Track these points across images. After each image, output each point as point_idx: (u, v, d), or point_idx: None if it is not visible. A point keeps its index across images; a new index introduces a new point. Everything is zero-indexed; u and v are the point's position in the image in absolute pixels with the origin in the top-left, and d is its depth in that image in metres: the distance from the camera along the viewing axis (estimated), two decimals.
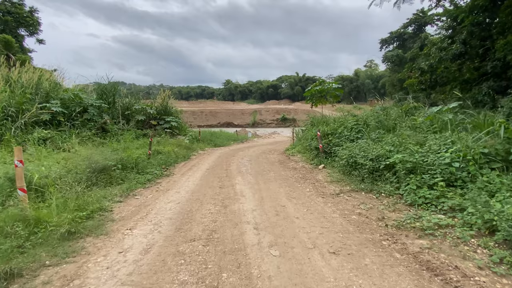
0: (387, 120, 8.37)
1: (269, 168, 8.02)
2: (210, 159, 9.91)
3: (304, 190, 5.56)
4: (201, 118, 45.57)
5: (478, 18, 13.29)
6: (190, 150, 11.64)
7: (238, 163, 8.96)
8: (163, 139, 12.11)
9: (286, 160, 9.27)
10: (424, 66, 14.51)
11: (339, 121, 9.28)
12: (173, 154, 10.03)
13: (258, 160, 9.66)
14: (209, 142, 14.85)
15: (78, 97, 11.84)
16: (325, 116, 12.54)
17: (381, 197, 4.84)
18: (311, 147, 8.90)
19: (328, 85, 13.25)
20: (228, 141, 17.08)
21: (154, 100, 15.36)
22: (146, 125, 13.91)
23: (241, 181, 6.36)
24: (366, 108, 51.04)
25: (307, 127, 12.99)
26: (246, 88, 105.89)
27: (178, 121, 14.62)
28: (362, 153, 6.11)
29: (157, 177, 6.85)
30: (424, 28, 51.18)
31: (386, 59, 52.73)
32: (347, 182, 5.81)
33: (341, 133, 8.20)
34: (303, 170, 7.45)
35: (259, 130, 35.13)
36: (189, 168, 8.07)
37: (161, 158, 8.81)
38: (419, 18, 50.03)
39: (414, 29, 51.58)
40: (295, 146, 11.43)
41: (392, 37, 53.61)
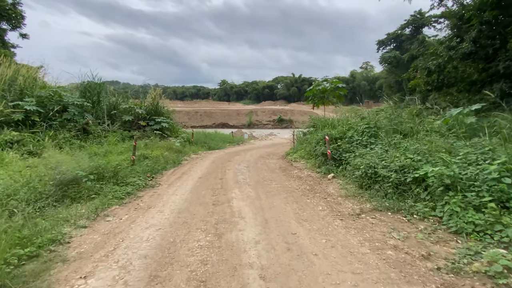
0: (402, 123, 7.45)
1: (270, 176, 7.03)
2: (204, 164, 8.88)
3: (316, 208, 4.57)
4: (196, 118, 44.39)
5: (488, 16, 12.54)
6: (181, 154, 10.58)
7: (234, 170, 7.95)
8: (151, 141, 11.03)
9: (288, 167, 8.28)
10: (431, 66, 13.72)
11: (347, 123, 8.33)
12: (161, 159, 8.97)
13: (256, 166, 8.66)
14: (203, 144, 13.79)
15: (57, 95, 10.70)
16: (328, 118, 11.61)
17: (414, 220, 3.88)
18: (317, 152, 7.94)
19: (331, 85, 12.33)
20: (224, 144, 16.05)
21: (144, 99, 14.25)
22: (134, 126, 12.81)
23: (238, 194, 5.35)
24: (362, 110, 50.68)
25: (309, 129, 12.04)
26: (242, 88, 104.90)
27: (169, 122, 13.55)
28: (383, 162, 5.16)
29: (140, 188, 5.79)
30: (421, 30, 50.97)
31: (383, 61, 52.27)
32: (366, 198, 4.85)
33: (351, 138, 7.26)
34: (310, 180, 6.47)
35: (255, 131, 34.15)
36: (179, 177, 7.03)
37: (147, 164, 7.75)
38: (416, 20, 49.74)
39: (411, 31, 51.31)
40: (297, 150, 10.46)
41: (389, 39, 53.25)
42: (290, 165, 8.57)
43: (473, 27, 13.23)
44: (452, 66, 13.29)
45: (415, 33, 49.81)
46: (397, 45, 54.02)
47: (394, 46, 54.56)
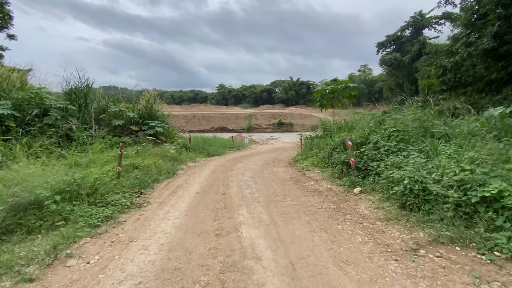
0: (433, 125, 6.36)
1: (282, 190, 5.89)
2: (202, 175, 7.72)
3: (354, 238, 3.43)
4: (193, 122, 43.25)
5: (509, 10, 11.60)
6: (177, 162, 9.42)
7: (238, 181, 6.81)
8: (144, 148, 9.87)
9: (301, 177, 7.14)
10: (448, 64, 12.73)
11: (368, 126, 7.22)
12: (154, 169, 7.81)
13: (263, 176, 7.52)
14: (201, 150, 12.64)
15: (38, 97, 9.54)
16: (339, 121, 10.52)
17: (499, 260, 2.75)
18: (334, 160, 6.81)
19: (341, 84, 11.26)
20: (223, 149, 14.90)
21: (137, 102, 13.10)
22: (125, 131, 11.64)
23: (247, 217, 4.19)
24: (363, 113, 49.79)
25: (318, 133, 10.94)
26: (240, 92, 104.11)
27: (164, 126, 12.39)
28: (434, 175, 4.04)
29: (123, 210, 4.63)
30: (422, 31, 50.38)
31: (383, 63, 51.43)
32: (414, 223, 3.72)
33: (376, 143, 6.15)
34: (332, 195, 5.33)
35: (255, 135, 33.07)
36: (173, 192, 5.87)
37: (136, 176, 6.59)
38: (417, 21, 49.16)
39: (411, 32, 50.69)
40: (307, 156, 9.33)
41: (389, 40, 52.53)
42: (302, 174, 7.42)
43: (490, 22, 12.28)
44: (471, 64, 12.29)
45: (415, 35, 49.21)
46: (397, 47, 53.33)
47: (394, 48, 53.84)
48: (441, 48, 14.12)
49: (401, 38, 52.18)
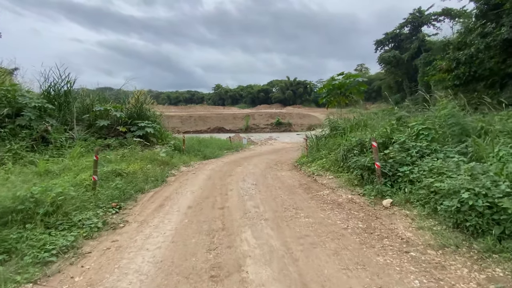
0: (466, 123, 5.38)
1: (292, 201, 4.86)
2: (196, 182, 6.66)
3: (406, 279, 2.41)
4: (190, 123, 42.11)
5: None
6: (168, 166, 8.35)
7: (239, 190, 5.77)
8: (131, 151, 8.79)
9: (311, 184, 6.11)
10: (461, 56, 11.82)
11: (389, 124, 6.22)
12: (140, 175, 6.75)
13: (267, 182, 6.48)
14: (197, 153, 11.57)
15: (11, 95, 8.45)
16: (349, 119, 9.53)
17: None
18: (351, 164, 5.80)
19: (349, 78, 10.28)
20: (221, 151, 13.84)
21: (125, 101, 11.99)
22: (112, 132, 10.55)
23: (253, 244, 3.16)
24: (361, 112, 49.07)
25: (324, 132, 9.94)
26: (237, 92, 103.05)
27: (156, 127, 11.31)
28: (503, 187, 3.03)
29: (91, 234, 3.57)
30: (421, 28, 49.71)
31: (382, 61, 50.60)
32: (481, 252, 2.72)
33: (403, 144, 5.15)
34: (357, 208, 4.31)
35: (253, 135, 32.03)
36: (159, 205, 4.81)
37: (117, 186, 5.52)
38: (416, 18, 48.48)
39: (410, 30, 49.99)
40: (314, 158, 8.31)
41: (388, 38, 51.84)
42: (313, 180, 6.39)
43: (505, 12, 11.40)
44: (488, 56, 11.37)
45: (414, 32, 48.53)
46: (396, 44, 52.65)
47: (393, 45, 53.13)
48: (453, 40, 13.18)
49: (399, 35, 51.50)
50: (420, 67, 40.41)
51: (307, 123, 43.50)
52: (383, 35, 52.71)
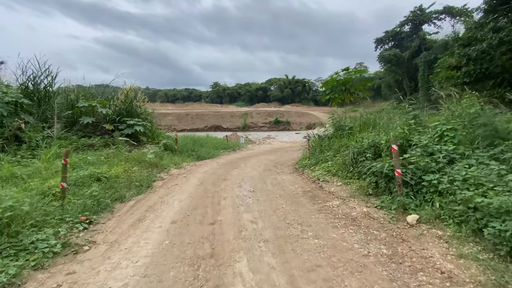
0: None
1: (296, 214, 4.11)
2: (186, 188, 5.89)
3: None
4: (186, 121, 41.22)
5: None
6: (157, 169, 7.56)
7: (234, 199, 5.01)
8: (117, 151, 8.01)
9: (317, 191, 5.36)
10: (472, 52, 11.11)
11: (407, 123, 5.46)
12: (123, 180, 5.97)
13: (266, 188, 5.72)
14: (190, 153, 10.78)
15: None
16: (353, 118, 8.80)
17: None
18: (363, 169, 5.05)
19: (354, 74, 9.53)
20: (216, 150, 13.04)
21: (113, 97, 11.15)
22: (98, 131, 9.74)
23: (250, 283, 2.41)
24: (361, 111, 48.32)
25: (328, 132, 9.20)
26: (235, 90, 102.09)
27: (146, 125, 10.51)
28: None
29: (41, 262, 2.79)
30: (421, 27, 49.09)
31: (382, 59, 49.89)
32: None
33: (426, 147, 4.41)
34: (376, 226, 3.55)
35: (251, 134, 31.27)
36: (138, 219, 4.04)
37: (93, 194, 4.74)
38: (416, 16, 47.83)
39: (410, 28, 49.35)
40: (317, 160, 7.57)
41: (388, 37, 51.19)
42: (318, 187, 5.63)
43: None
44: (500, 52, 10.66)
45: (414, 30, 47.89)
46: (396, 43, 52.02)
47: (393, 44, 52.48)
48: (462, 36, 12.42)
49: (400, 34, 50.88)
50: (420, 66, 39.78)
51: (306, 122, 42.79)
52: (383, 33, 52.01)
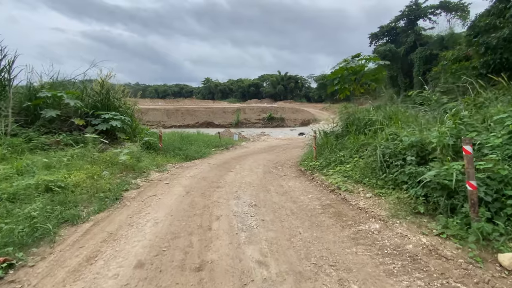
0: None
1: (323, 246, 2.80)
2: (166, 202, 4.48)
3: None
4: (176, 117, 39.44)
5: None
6: (134, 173, 6.13)
7: (230, 218, 3.65)
8: (85, 151, 6.53)
9: (340, 205, 4.04)
10: (492, 40, 10.02)
11: (456, 114, 4.19)
12: (84, 190, 4.54)
13: (271, 199, 4.38)
14: (177, 152, 9.33)
15: None
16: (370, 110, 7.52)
17: None
18: (400, 175, 3.77)
19: (368, 62, 8.26)
20: (208, 149, 11.62)
21: (86, 88, 9.55)
22: (66, 126, 8.21)
23: None
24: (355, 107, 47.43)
25: (338, 129, 7.93)
26: (227, 86, 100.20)
27: (125, 120, 9.00)
28: None
29: None
30: (417, 22, 48.44)
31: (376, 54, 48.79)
32: None
33: (501, 148, 3.15)
34: (454, 272, 2.27)
35: (244, 130, 29.89)
36: (86, 260, 2.64)
37: (31, 214, 3.31)
38: (412, 11, 47.07)
39: (406, 23, 48.64)
40: (329, 162, 6.29)
41: (383, 32, 50.41)
42: (340, 199, 4.31)
43: None
44: None
45: (410, 26, 47.18)
46: (391, 38, 51.28)
47: (388, 39, 51.73)
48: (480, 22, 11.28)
49: (395, 29, 50.15)
50: (416, 61, 39.14)
51: (301, 118, 41.67)
52: (378, 28, 51.21)
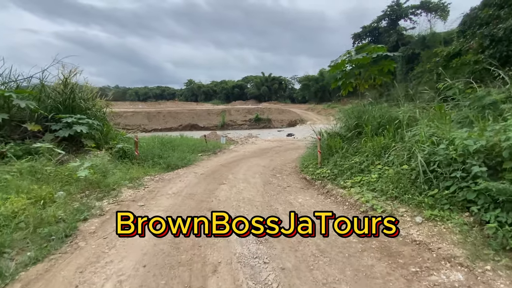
0: None
1: None
2: (138, 240, 3.20)
3: None
4: (158, 120, 37.51)
5: None
6: (99, 192, 4.76)
7: (231, 265, 2.45)
8: (37, 164, 5.08)
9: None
10: (498, 31, 9.39)
11: None
12: (23, 224, 3.17)
13: (290, 245, 3.22)
14: (157, 160, 7.96)
15: None
16: None
17: None
18: (460, 191, 2.72)
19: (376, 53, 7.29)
20: (193, 154, 10.28)
21: (44, 85, 7.98)
22: (18, 132, 6.68)
23: None
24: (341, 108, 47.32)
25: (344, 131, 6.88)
26: (210, 88, 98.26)
27: (94, 125, 7.55)
28: None
29: None
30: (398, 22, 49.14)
31: None
32: None
33: None
34: None
35: (230, 132, 28.64)
36: None
37: None
38: (394, 11, 47.63)
39: (388, 23, 49.24)
40: (341, 169, 5.21)
41: (365, 32, 50.85)
42: (394, 245, 3.20)
43: None
44: None
45: (391, 26, 47.74)
46: (374, 38, 51.76)
47: (371, 39, 52.19)
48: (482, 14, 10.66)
49: (377, 29, 50.70)
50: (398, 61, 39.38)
51: (287, 119, 40.89)
52: (361, 29, 51.57)
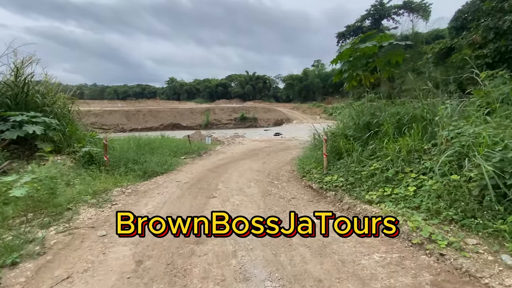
0: None
1: None
2: None
3: None
4: (137, 119, 35.46)
5: None
6: (47, 214, 3.54)
7: None
8: None
9: None
10: (503, 23, 8.85)
11: None
12: None
13: (309, 273, 2.22)
14: (132, 166, 6.69)
15: None
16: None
17: None
18: None
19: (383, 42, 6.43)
20: (175, 158, 9.04)
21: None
22: None
23: None
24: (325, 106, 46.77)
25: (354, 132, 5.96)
26: (193, 86, 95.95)
27: (53, 124, 6.19)
28: None
29: None
30: (381, 22, 49.72)
31: None
32: None
33: None
34: None
35: (215, 132, 27.36)
36: None
37: None
38: (377, 10, 48.03)
39: (371, 23, 49.69)
40: (358, 178, 4.27)
41: (349, 31, 51.10)
42: (451, 271, 2.24)
43: None
44: None
45: (375, 25, 48.17)
46: None
47: None
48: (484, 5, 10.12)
49: (361, 28, 51.00)
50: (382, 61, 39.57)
51: (274, 118, 40.08)
52: (345, 28, 51.79)
